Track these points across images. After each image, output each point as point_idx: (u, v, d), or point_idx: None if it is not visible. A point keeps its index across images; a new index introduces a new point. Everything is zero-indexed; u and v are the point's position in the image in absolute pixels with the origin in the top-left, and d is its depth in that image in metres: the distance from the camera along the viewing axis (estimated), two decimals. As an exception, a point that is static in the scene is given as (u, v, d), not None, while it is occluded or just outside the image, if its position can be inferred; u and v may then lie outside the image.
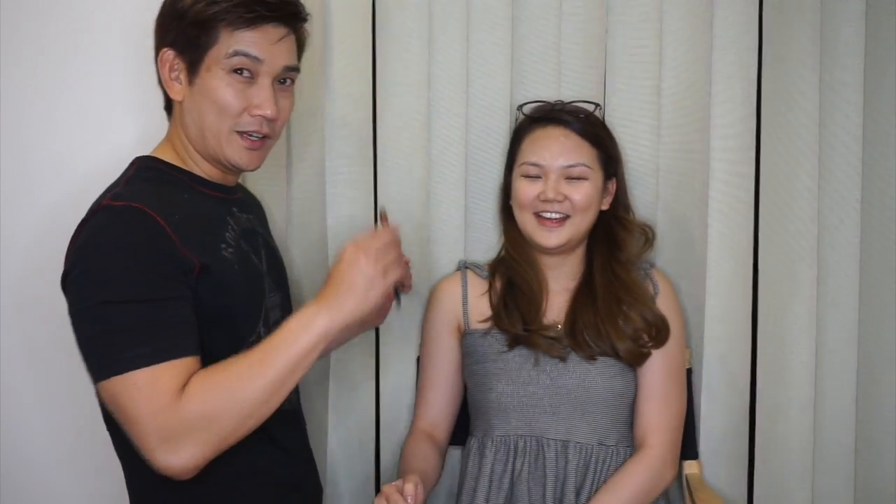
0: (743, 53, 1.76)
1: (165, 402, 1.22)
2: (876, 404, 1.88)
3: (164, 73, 1.41)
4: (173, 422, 1.22)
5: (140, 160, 1.44)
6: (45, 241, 1.75)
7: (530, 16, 1.81)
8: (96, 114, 1.80)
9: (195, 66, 1.38)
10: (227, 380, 1.26)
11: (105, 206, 1.30)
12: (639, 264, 1.74)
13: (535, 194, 1.66)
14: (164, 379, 1.23)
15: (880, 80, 1.82)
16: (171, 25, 1.39)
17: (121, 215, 1.28)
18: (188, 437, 1.23)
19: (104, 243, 1.27)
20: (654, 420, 1.67)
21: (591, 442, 1.66)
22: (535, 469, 1.66)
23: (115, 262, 1.26)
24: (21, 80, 1.79)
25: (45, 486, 1.88)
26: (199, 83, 1.39)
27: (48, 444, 1.87)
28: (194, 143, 1.43)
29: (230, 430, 1.26)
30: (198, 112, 1.40)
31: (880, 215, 1.85)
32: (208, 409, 1.24)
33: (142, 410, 1.22)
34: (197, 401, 1.23)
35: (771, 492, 1.85)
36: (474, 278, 1.77)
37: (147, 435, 1.22)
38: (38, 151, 1.81)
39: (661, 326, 1.68)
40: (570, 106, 1.73)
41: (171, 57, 1.40)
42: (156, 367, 1.23)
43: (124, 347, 1.23)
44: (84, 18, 1.79)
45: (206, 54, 1.38)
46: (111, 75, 1.79)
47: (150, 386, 1.22)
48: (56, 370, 1.83)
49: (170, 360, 1.24)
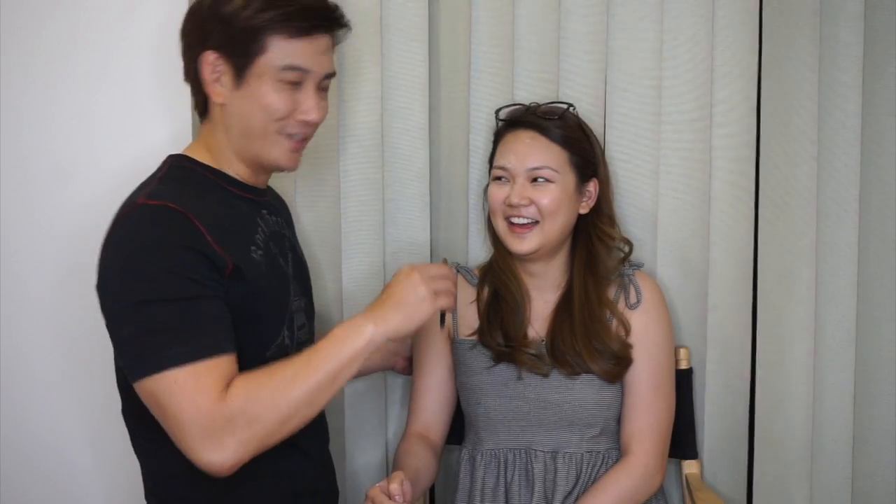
0: (743, 53, 1.76)
1: (208, 399, 1.23)
2: (874, 403, 1.89)
3: (205, 75, 1.39)
4: (217, 420, 1.23)
5: (173, 158, 1.44)
6: (80, 237, 1.75)
7: (531, 15, 1.81)
8: (125, 112, 1.79)
9: (242, 72, 1.37)
10: (272, 382, 1.27)
11: (140, 204, 1.30)
12: (620, 270, 1.71)
13: (502, 198, 1.64)
14: (206, 377, 1.23)
15: (879, 81, 1.82)
16: (214, 28, 1.37)
17: (156, 214, 1.29)
18: (230, 436, 1.23)
19: (141, 242, 1.28)
20: (638, 428, 1.66)
21: (580, 450, 1.66)
22: (525, 480, 1.66)
23: (151, 261, 1.26)
24: (47, 79, 1.78)
25: (67, 474, 1.88)
26: (247, 88, 1.38)
27: (73, 434, 1.87)
28: (234, 144, 1.42)
29: (271, 431, 1.26)
30: (243, 115, 1.40)
31: (879, 215, 1.86)
32: (251, 410, 1.24)
33: (184, 408, 1.22)
34: (240, 400, 1.24)
35: (770, 490, 1.85)
36: (464, 285, 1.76)
37: (189, 432, 1.23)
38: (71, 147, 1.80)
39: (622, 359, 1.64)
40: (541, 109, 1.69)
41: (214, 59, 1.38)
42: (196, 364, 1.23)
43: (164, 345, 1.24)
44: (113, 16, 1.78)
45: (255, 61, 1.37)
46: (141, 73, 1.78)
47: (192, 384, 1.23)
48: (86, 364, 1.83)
49: (210, 357, 1.25)
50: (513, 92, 1.83)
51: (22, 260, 1.81)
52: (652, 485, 1.65)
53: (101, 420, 1.83)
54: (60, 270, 1.81)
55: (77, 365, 1.83)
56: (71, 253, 1.81)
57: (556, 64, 1.82)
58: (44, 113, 1.79)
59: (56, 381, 1.84)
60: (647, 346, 1.66)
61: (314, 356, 1.30)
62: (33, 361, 1.84)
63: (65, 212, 1.81)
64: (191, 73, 1.42)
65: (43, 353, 1.83)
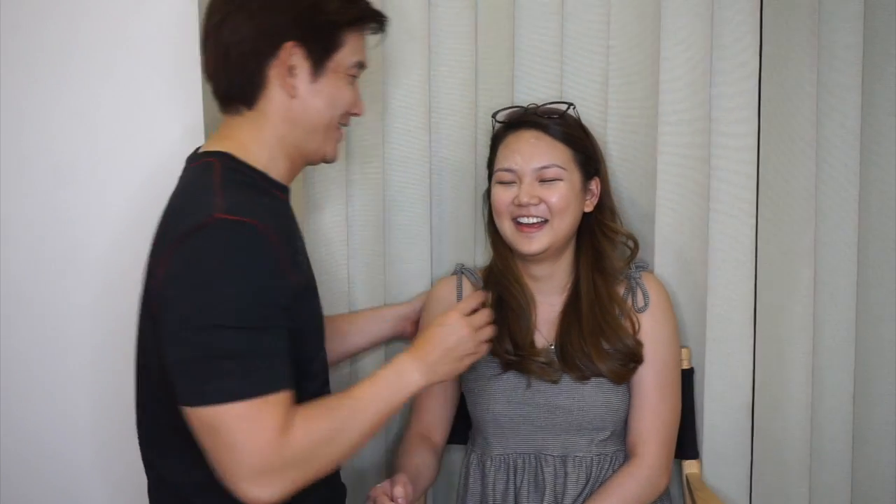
0: (743, 53, 1.76)
1: (269, 438, 1.20)
2: (873, 403, 1.90)
3: (280, 67, 1.33)
4: (275, 460, 1.21)
5: (220, 160, 1.34)
6: (81, 237, 1.79)
7: (532, 15, 1.81)
8: (127, 112, 1.79)
9: (320, 65, 1.35)
10: (331, 426, 1.27)
11: (218, 219, 1.22)
12: (627, 271, 1.71)
13: (510, 200, 1.63)
14: (267, 413, 1.20)
15: (879, 81, 1.83)
16: (298, 19, 1.32)
17: (235, 232, 1.22)
18: (283, 475, 1.22)
19: (218, 262, 1.21)
20: (644, 431, 1.65)
21: (589, 454, 1.66)
22: (535, 484, 1.66)
23: (227, 284, 1.20)
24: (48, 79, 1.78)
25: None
26: (323, 82, 1.36)
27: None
28: (289, 139, 1.37)
29: (321, 470, 1.28)
30: (314, 109, 1.36)
31: (878, 215, 1.87)
32: (308, 453, 1.24)
33: (243, 442, 1.20)
34: (300, 444, 1.23)
35: (770, 490, 1.85)
36: (469, 287, 1.76)
37: (241, 466, 1.20)
38: (72, 147, 1.80)
39: (635, 355, 1.64)
40: (542, 108, 1.69)
41: (294, 50, 1.32)
42: (259, 399, 1.20)
43: (228, 375, 1.20)
44: (116, 15, 1.78)
45: (333, 56, 1.36)
46: (144, 72, 1.78)
47: (254, 419, 1.20)
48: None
49: (272, 392, 1.22)
50: (513, 93, 1.83)
51: (21, 260, 1.81)
52: (658, 486, 1.65)
53: (102, 419, 1.83)
54: (61, 270, 1.81)
55: (77, 365, 1.83)
56: (71, 252, 1.81)
57: (558, 64, 1.82)
58: (45, 112, 1.79)
59: (55, 382, 1.84)
60: (654, 348, 1.66)
61: (370, 402, 1.31)
62: (33, 362, 1.84)
63: (65, 211, 1.81)
64: (251, 63, 1.33)
65: (43, 353, 1.83)
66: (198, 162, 1.37)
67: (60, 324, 1.82)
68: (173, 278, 1.23)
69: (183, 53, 1.76)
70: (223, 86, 1.37)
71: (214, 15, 1.35)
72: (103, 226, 1.82)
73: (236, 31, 1.32)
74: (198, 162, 1.37)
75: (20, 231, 1.81)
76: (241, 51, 1.32)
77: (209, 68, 1.38)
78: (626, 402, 1.67)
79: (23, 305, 1.82)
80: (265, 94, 1.34)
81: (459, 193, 1.87)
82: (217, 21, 1.34)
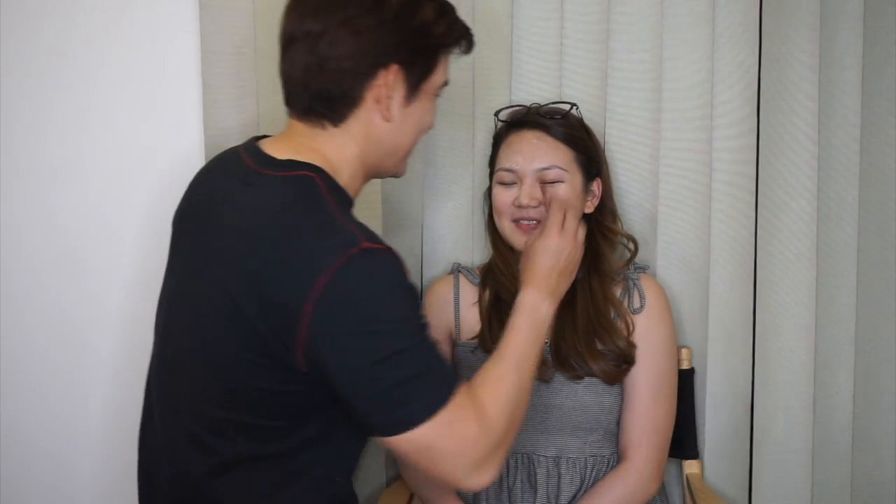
0: (743, 53, 1.76)
1: (474, 431, 1.23)
2: (874, 403, 1.90)
3: (378, 91, 1.28)
4: (486, 447, 1.24)
5: (320, 178, 1.27)
6: (81, 237, 1.79)
7: (531, 15, 1.81)
8: (127, 111, 1.80)
9: (416, 88, 1.31)
10: (509, 392, 1.29)
11: (365, 249, 1.19)
12: (625, 273, 1.70)
13: (510, 200, 1.62)
14: (462, 410, 1.22)
15: (879, 81, 1.83)
16: (403, 41, 1.27)
17: (385, 261, 1.21)
18: (495, 455, 1.25)
19: (380, 293, 1.20)
20: (636, 434, 1.65)
21: (583, 455, 1.65)
22: (528, 485, 1.66)
23: (394, 311, 1.20)
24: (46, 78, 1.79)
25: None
26: (414, 106, 1.32)
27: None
28: (371, 158, 1.34)
29: (516, 433, 1.31)
30: (398, 134, 1.33)
31: (879, 215, 1.87)
32: (506, 426, 1.27)
33: (456, 447, 1.22)
34: (498, 423, 1.26)
35: (770, 490, 1.85)
36: (466, 285, 1.75)
37: (461, 467, 1.23)
38: (69, 147, 1.81)
39: (627, 357, 1.64)
40: (544, 108, 1.68)
41: (397, 73, 1.28)
42: (451, 402, 1.21)
43: (421, 393, 1.20)
44: (114, 15, 1.78)
45: (430, 78, 1.32)
46: (141, 73, 1.79)
47: (456, 421, 1.21)
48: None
49: (456, 389, 1.23)
50: (512, 93, 1.83)
51: (20, 260, 1.81)
52: (648, 490, 1.64)
53: (101, 418, 1.83)
54: (61, 270, 1.81)
55: (77, 365, 1.83)
56: (70, 252, 1.81)
57: (558, 64, 1.82)
58: (43, 112, 1.79)
59: (54, 382, 1.84)
60: (649, 351, 1.65)
61: (522, 354, 1.34)
62: (33, 362, 1.84)
63: (63, 211, 1.81)
64: (349, 81, 1.27)
65: (43, 353, 1.83)
66: (288, 172, 1.28)
67: (59, 323, 1.82)
68: (332, 320, 1.19)
69: (182, 53, 1.76)
70: (308, 98, 1.30)
71: (306, 22, 1.27)
72: (101, 225, 1.82)
73: (337, 45, 1.25)
74: (288, 172, 1.28)
75: (19, 231, 1.81)
76: (340, 67, 1.26)
77: (291, 75, 1.31)
78: (618, 402, 1.67)
79: (22, 305, 1.82)
80: (356, 113, 1.30)
81: (456, 192, 1.86)
82: (313, 31, 1.27)
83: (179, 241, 1.40)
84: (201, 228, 1.33)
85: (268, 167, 1.29)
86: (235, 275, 1.23)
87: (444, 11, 1.33)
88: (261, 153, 1.32)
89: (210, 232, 1.30)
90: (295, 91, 1.31)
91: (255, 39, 1.74)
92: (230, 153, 1.39)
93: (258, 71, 1.75)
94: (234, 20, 1.74)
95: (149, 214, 1.80)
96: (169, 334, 1.37)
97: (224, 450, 1.29)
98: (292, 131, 1.33)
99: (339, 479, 1.36)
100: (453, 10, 1.35)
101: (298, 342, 1.19)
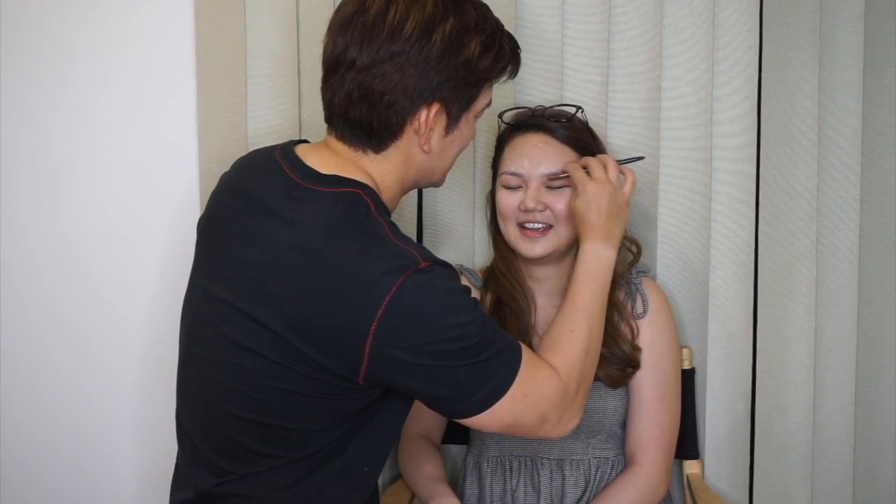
0: (743, 53, 1.76)
1: (554, 386, 1.32)
2: (875, 403, 1.90)
3: (419, 125, 1.29)
4: (565, 398, 1.33)
5: (368, 196, 1.28)
6: (81, 237, 1.79)
7: (532, 16, 1.81)
8: (127, 112, 1.80)
9: (457, 120, 1.33)
10: (582, 340, 1.38)
11: (426, 268, 1.23)
12: (627, 276, 1.69)
13: (515, 204, 1.60)
14: (535, 369, 1.31)
15: (879, 81, 1.83)
16: (454, 78, 1.28)
17: (441, 273, 1.26)
18: (575, 402, 1.36)
19: (448, 301, 1.26)
20: (643, 438, 1.64)
21: (586, 457, 1.65)
22: (532, 487, 1.66)
23: (459, 316, 1.25)
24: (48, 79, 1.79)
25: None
26: (456, 133, 1.35)
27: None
28: (411, 178, 1.36)
29: (593, 377, 1.41)
30: (437, 162, 1.36)
31: (879, 215, 1.86)
32: (580, 373, 1.36)
33: (538, 405, 1.31)
34: (572, 373, 1.34)
35: (771, 491, 1.85)
36: (469, 287, 1.75)
37: (552, 421, 1.33)
38: (71, 148, 1.81)
39: (632, 361, 1.64)
40: (550, 111, 1.66)
41: (438, 111, 1.30)
42: (524, 364, 1.30)
43: (499, 367, 1.28)
44: (115, 16, 1.79)
45: (471, 107, 1.34)
46: (142, 74, 1.79)
47: (534, 383, 1.30)
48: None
49: (524, 352, 1.31)
50: (514, 93, 1.82)
51: (21, 259, 1.81)
52: (657, 494, 1.64)
53: (101, 417, 1.83)
54: (60, 269, 1.81)
55: (77, 365, 1.83)
56: (70, 252, 1.81)
57: (559, 65, 1.81)
58: (45, 113, 1.80)
59: (54, 381, 1.84)
60: (654, 356, 1.65)
61: (589, 302, 1.42)
62: (32, 362, 1.84)
63: (65, 211, 1.81)
64: (392, 115, 1.28)
65: (43, 353, 1.83)
66: (335, 188, 1.28)
67: (60, 323, 1.82)
68: (403, 333, 1.22)
69: (181, 54, 1.76)
70: (349, 126, 1.31)
71: (351, 50, 1.27)
72: (102, 225, 1.82)
73: (380, 80, 1.26)
74: (335, 188, 1.28)
75: (20, 230, 1.81)
76: (385, 101, 1.27)
77: (332, 102, 1.30)
78: (622, 405, 1.66)
79: (22, 305, 1.82)
80: (397, 144, 1.31)
81: (457, 193, 1.86)
82: (357, 62, 1.26)
83: (212, 246, 1.37)
84: (239, 237, 1.31)
85: (312, 181, 1.29)
86: (285, 292, 1.24)
87: (491, 45, 1.31)
88: (303, 165, 1.31)
89: (251, 242, 1.29)
90: (335, 115, 1.32)
91: (245, 40, 1.74)
92: (264, 158, 1.37)
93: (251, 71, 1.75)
94: (228, 21, 1.74)
95: (149, 214, 1.80)
96: (196, 337, 1.35)
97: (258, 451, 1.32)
98: (334, 147, 1.33)
99: (367, 470, 1.39)
100: (501, 40, 1.34)
101: (363, 361, 1.22)
